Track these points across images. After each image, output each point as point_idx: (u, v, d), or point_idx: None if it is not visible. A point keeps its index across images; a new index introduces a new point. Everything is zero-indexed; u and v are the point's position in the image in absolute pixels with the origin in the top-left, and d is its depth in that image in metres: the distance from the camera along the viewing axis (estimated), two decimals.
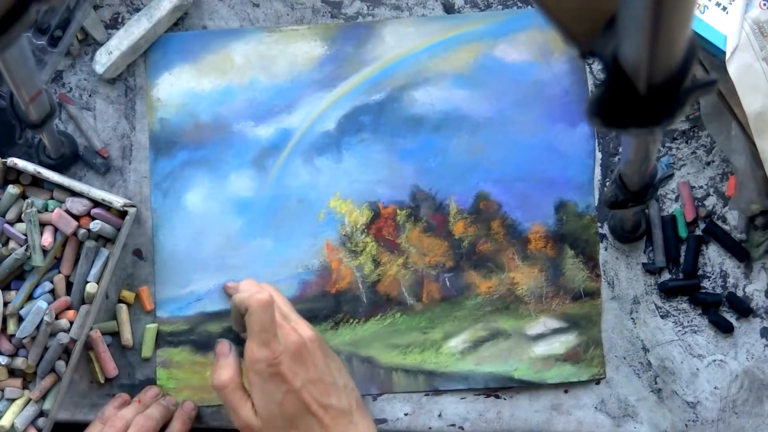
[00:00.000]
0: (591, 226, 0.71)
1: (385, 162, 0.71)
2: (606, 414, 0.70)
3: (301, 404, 0.61)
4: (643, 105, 0.38)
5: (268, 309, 0.61)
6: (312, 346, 0.63)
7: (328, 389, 0.62)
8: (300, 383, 0.61)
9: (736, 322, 0.70)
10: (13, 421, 0.66)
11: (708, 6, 0.66)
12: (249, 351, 0.62)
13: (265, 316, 0.61)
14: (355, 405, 0.64)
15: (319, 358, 0.63)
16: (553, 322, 0.70)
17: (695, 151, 0.71)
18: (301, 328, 0.63)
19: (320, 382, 0.62)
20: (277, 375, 0.61)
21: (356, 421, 0.63)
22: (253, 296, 0.62)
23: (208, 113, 0.72)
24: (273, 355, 0.61)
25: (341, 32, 0.72)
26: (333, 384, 0.63)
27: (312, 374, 0.62)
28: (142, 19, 0.70)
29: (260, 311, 0.61)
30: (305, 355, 0.62)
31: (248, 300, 0.62)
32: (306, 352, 0.62)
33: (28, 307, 0.66)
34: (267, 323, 0.61)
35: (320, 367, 0.63)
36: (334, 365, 0.64)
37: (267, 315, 0.61)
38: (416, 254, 0.71)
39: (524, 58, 0.71)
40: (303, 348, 0.62)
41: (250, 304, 0.61)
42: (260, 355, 0.61)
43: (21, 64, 0.50)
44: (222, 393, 0.63)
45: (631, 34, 0.36)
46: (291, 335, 0.62)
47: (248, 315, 0.62)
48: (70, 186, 0.66)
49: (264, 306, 0.61)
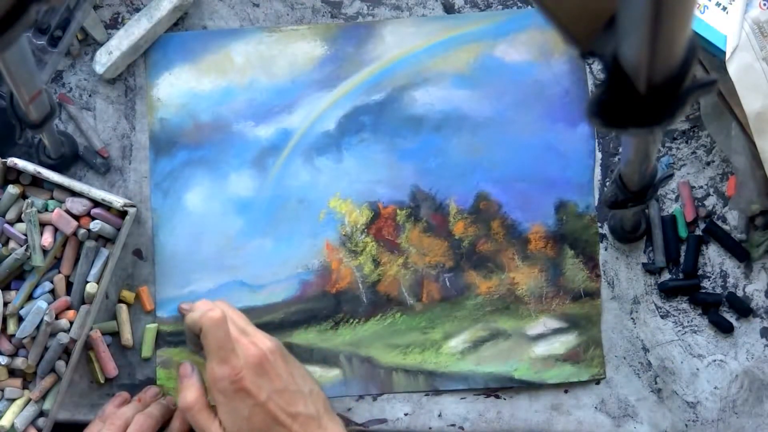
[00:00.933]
0: (591, 226, 0.71)
1: (385, 162, 0.71)
2: (606, 414, 0.70)
3: (268, 416, 0.61)
4: (643, 105, 0.38)
5: (222, 325, 0.61)
6: (273, 356, 0.62)
7: (294, 397, 0.62)
8: (265, 395, 0.61)
9: (736, 322, 0.70)
10: (13, 421, 0.66)
11: (708, 6, 0.66)
12: (210, 370, 0.61)
13: (220, 332, 0.61)
14: (322, 409, 0.64)
15: (281, 367, 0.63)
16: (553, 322, 0.70)
17: (695, 151, 0.71)
18: (260, 340, 0.63)
19: (285, 391, 0.62)
20: (241, 390, 0.61)
21: (325, 425, 0.63)
22: (204, 315, 0.61)
23: (208, 113, 0.72)
24: (234, 371, 0.60)
25: (341, 32, 0.72)
26: (298, 391, 0.63)
27: (276, 384, 0.62)
28: (142, 19, 0.70)
29: (214, 329, 0.61)
30: (267, 366, 0.62)
31: (201, 319, 0.61)
32: (267, 363, 0.62)
33: (28, 307, 0.66)
34: (222, 340, 0.61)
35: (283, 377, 0.62)
36: (297, 372, 0.64)
37: (221, 332, 0.61)
38: (416, 254, 0.71)
39: (524, 58, 0.71)
40: (264, 360, 0.62)
41: (203, 323, 0.61)
42: (221, 373, 0.61)
43: (21, 64, 0.50)
44: (189, 415, 0.63)
45: (631, 34, 0.36)
46: (250, 349, 0.62)
47: (203, 335, 0.61)
48: (70, 186, 0.66)
49: (217, 323, 0.61)
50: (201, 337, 0.62)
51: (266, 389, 0.61)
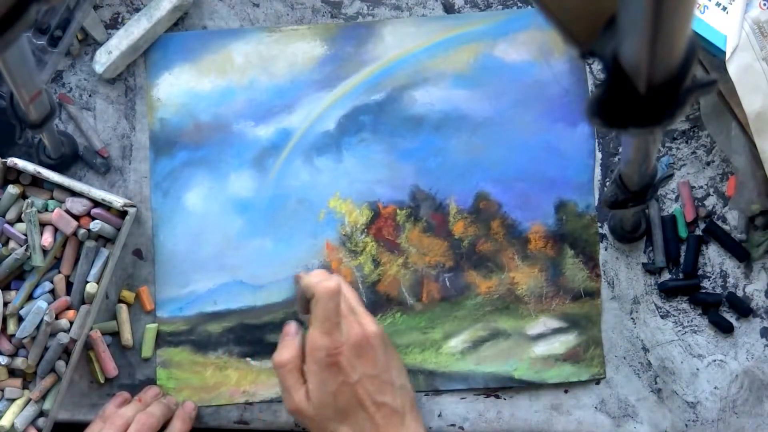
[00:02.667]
0: (591, 226, 0.71)
1: (385, 162, 0.71)
2: (606, 414, 0.70)
3: (354, 398, 0.61)
4: (643, 105, 0.38)
5: (334, 297, 0.61)
6: (374, 341, 0.62)
7: (384, 387, 0.62)
8: (357, 377, 0.61)
9: (736, 322, 0.70)
10: (13, 421, 0.66)
11: (708, 6, 0.66)
12: (311, 337, 0.61)
13: (331, 304, 0.61)
14: (408, 407, 0.63)
15: (380, 354, 0.62)
16: (553, 322, 0.70)
17: (695, 151, 0.71)
18: (366, 322, 0.63)
19: (377, 378, 0.62)
20: (336, 365, 0.61)
21: (408, 423, 0.62)
22: (320, 283, 0.62)
23: (208, 113, 0.72)
24: (334, 345, 0.61)
25: (341, 32, 0.72)
26: (390, 382, 0.62)
27: (370, 370, 0.62)
28: (142, 19, 0.70)
29: (326, 298, 0.61)
30: (366, 349, 0.62)
31: (316, 286, 0.62)
32: (367, 346, 0.62)
33: (28, 307, 0.66)
34: (331, 312, 0.61)
35: (380, 364, 0.62)
36: (394, 364, 0.64)
37: (332, 303, 0.61)
38: (416, 254, 0.71)
39: (524, 58, 0.71)
40: (365, 342, 0.62)
41: (317, 291, 0.61)
42: (321, 343, 0.61)
43: (21, 64, 0.50)
44: (279, 372, 0.63)
45: (631, 34, 0.36)
46: (354, 328, 0.62)
47: (314, 301, 0.62)
48: (70, 186, 0.66)
49: (330, 294, 0.61)
50: (311, 303, 0.62)
51: (359, 371, 0.61)
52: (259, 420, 0.71)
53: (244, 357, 0.70)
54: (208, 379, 0.70)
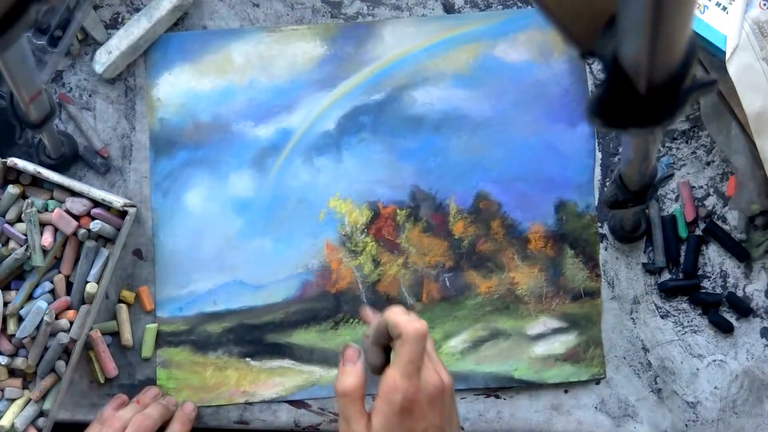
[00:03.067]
0: (591, 226, 0.71)
1: (384, 162, 0.71)
2: (606, 414, 0.70)
3: None
4: (643, 105, 0.38)
5: (423, 341, 0.58)
6: (447, 394, 0.60)
7: None
8: (424, 426, 0.59)
9: (736, 322, 0.70)
10: (13, 421, 0.66)
11: (708, 6, 0.66)
12: (390, 378, 0.58)
13: (419, 347, 0.58)
14: None
15: (449, 407, 0.60)
16: (553, 322, 0.70)
17: (695, 151, 0.71)
18: (443, 373, 0.61)
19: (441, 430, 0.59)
20: (408, 412, 0.58)
21: None
22: (411, 322, 0.58)
23: (208, 113, 0.72)
24: (412, 391, 0.58)
25: (341, 32, 0.72)
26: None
27: (437, 422, 0.59)
28: (142, 19, 0.70)
29: (415, 341, 0.58)
30: (439, 401, 0.59)
31: (405, 326, 0.58)
32: (441, 398, 0.59)
33: (28, 307, 0.66)
34: (417, 355, 0.58)
35: (446, 416, 0.60)
36: (455, 419, 0.62)
37: (420, 347, 0.58)
38: (416, 254, 0.71)
39: (524, 58, 0.71)
40: (441, 393, 0.59)
41: (407, 331, 0.58)
42: (401, 386, 0.58)
43: (21, 64, 0.50)
44: (342, 400, 0.60)
45: (631, 34, 0.36)
46: (433, 377, 0.59)
47: (401, 341, 0.58)
48: (70, 186, 0.66)
49: (420, 336, 0.58)
50: (397, 343, 0.59)
51: (428, 422, 0.59)
52: (259, 420, 0.71)
53: (244, 357, 0.70)
54: (207, 380, 0.70)
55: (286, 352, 0.70)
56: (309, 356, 0.70)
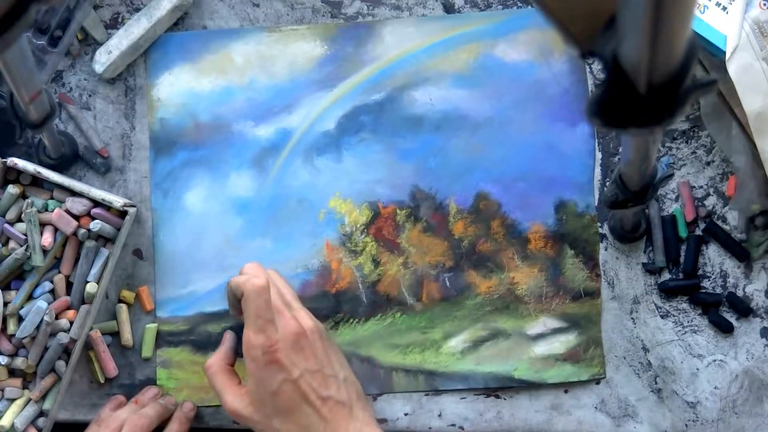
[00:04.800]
0: (591, 225, 0.71)
1: (385, 162, 0.71)
2: (606, 414, 0.70)
3: (297, 394, 0.59)
4: (643, 105, 0.38)
5: (263, 293, 0.60)
6: (312, 336, 0.61)
7: (327, 381, 0.61)
8: (298, 373, 0.59)
9: (736, 322, 0.70)
10: (13, 421, 0.66)
11: (708, 6, 0.66)
12: (245, 337, 0.60)
13: (260, 300, 0.59)
14: (355, 397, 0.62)
15: (319, 348, 0.61)
16: (553, 321, 0.70)
17: (695, 151, 0.71)
18: (302, 317, 0.62)
19: (319, 372, 0.60)
20: (274, 363, 0.59)
21: (356, 414, 0.61)
22: (249, 280, 0.60)
23: (208, 113, 0.72)
24: (269, 342, 0.59)
25: (341, 32, 0.72)
26: (333, 376, 0.61)
27: (311, 364, 0.60)
28: (142, 19, 0.70)
29: (255, 296, 0.59)
30: (304, 344, 0.60)
31: (244, 284, 0.60)
32: (305, 341, 0.60)
33: (28, 307, 0.66)
34: (262, 309, 0.59)
35: (320, 358, 0.61)
36: (334, 357, 0.63)
37: (262, 300, 0.59)
38: (416, 254, 0.71)
39: (524, 58, 0.71)
40: (302, 336, 0.60)
41: (246, 288, 0.60)
42: (256, 342, 0.59)
43: (21, 64, 0.50)
44: (207, 375, 0.63)
45: (631, 34, 0.36)
46: (290, 323, 0.60)
47: (244, 300, 0.60)
48: (70, 186, 0.66)
49: (259, 290, 0.59)
50: (242, 302, 0.60)
51: (300, 366, 0.60)
52: None
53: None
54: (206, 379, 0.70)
55: None
56: None
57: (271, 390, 0.59)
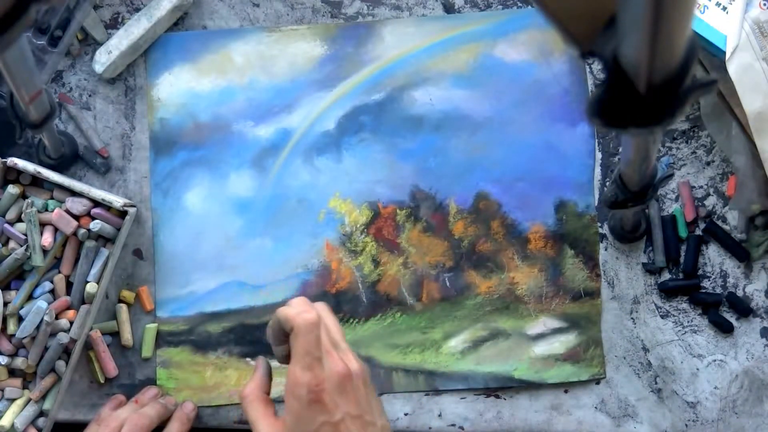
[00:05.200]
0: (591, 226, 0.71)
1: (385, 162, 0.71)
2: (606, 414, 0.70)
3: None
4: (643, 105, 0.38)
5: (314, 330, 0.57)
6: (357, 380, 0.59)
7: (367, 428, 0.58)
8: (339, 416, 0.57)
9: (736, 322, 0.70)
10: (13, 421, 0.66)
11: (708, 6, 0.66)
12: (291, 373, 0.57)
13: (311, 336, 0.57)
14: None
15: (362, 393, 0.59)
16: (553, 321, 0.70)
17: (695, 151, 0.71)
18: (349, 359, 0.59)
19: (359, 419, 0.58)
20: (318, 403, 0.57)
21: None
22: (300, 314, 0.57)
23: (208, 113, 0.72)
24: (316, 381, 0.57)
25: (341, 32, 0.72)
26: (372, 423, 0.58)
27: (353, 409, 0.58)
28: (141, 19, 0.70)
29: (306, 331, 0.57)
30: (349, 387, 0.58)
31: (295, 318, 0.57)
32: (350, 384, 0.58)
33: (28, 307, 0.66)
34: (312, 345, 0.57)
35: (362, 404, 0.59)
36: (375, 403, 0.60)
37: (312, 336, 0.57)
38: (416, 254, 0.71)
39: (524, 58, 0.71)
40: (348, 380, 0.58)
41: (297, 324, 0.57)
42: (303, 379, 0.57)
43: (21, 64, 0.50)
44: (243, 404, 0.60)
45: (631, 34, 0.36)
46: (338, 364, 0.58)
47: (293, 335, 0.58)
48: (70, 186, 0.66)
49: (310, 326, 0.57)
50: (291, 336, 0.58)
51: (342, 410, 0.57)
52: None
53: (244, 357, 0.70)
54: (207, 379, 0.70)
55: None
56: None
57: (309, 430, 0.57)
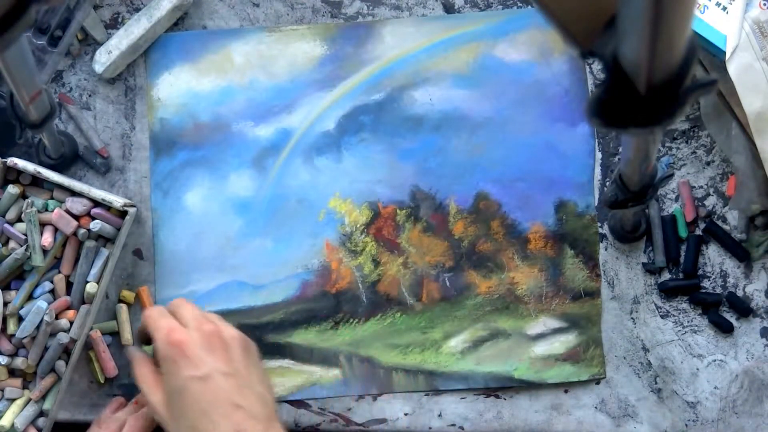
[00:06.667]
0: (591, 225, 0.71)
1: (385, 162, 0.71)
2: (606, 414, 0.70)
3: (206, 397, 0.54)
4: (643, 105, 0.38)
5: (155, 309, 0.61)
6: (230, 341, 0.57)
7: (243, 390, 0.55)
8: (207, 370, 0.54)
9: (736, 322, 0.70)
10: (13, 421, 0.66)
11: (708, 6, 0.66)
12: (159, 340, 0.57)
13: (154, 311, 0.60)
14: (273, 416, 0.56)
15: (238, 356, 0.57)
16: (553, 321, 0.70)
17: (695, 151, 0.71)
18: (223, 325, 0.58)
19: (233, 377, 0.55)
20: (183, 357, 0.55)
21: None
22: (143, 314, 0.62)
23: (208, 113, 0.72)
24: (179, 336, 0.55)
25: (341, 32, 0.72)
26: (248, 387, 0.56)
27: (224, 366, 0.55)
28: (141, 19, 0.70)
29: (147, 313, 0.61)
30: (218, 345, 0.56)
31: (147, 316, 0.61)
32: (219, 342, 0.56)
33: (28, 307, 0.66)
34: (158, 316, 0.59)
35: (236, 365, 0.56)
36: (255, 371, 0.58)
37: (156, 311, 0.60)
38: (416, 254, 0.71)
39: (524, 58, 0.71)
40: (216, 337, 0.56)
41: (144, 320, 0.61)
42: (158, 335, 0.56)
43: (21, 64, 0.50)
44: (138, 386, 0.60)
45: (631, 34, 0.36)
46: (205, 324, 0.58)
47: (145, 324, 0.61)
48: (70, 186, 0.66)
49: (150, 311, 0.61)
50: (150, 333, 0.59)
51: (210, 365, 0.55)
52: None
53: None
54: None
55: (286, 352, 0.70)
56: (309, 356, 0.70)
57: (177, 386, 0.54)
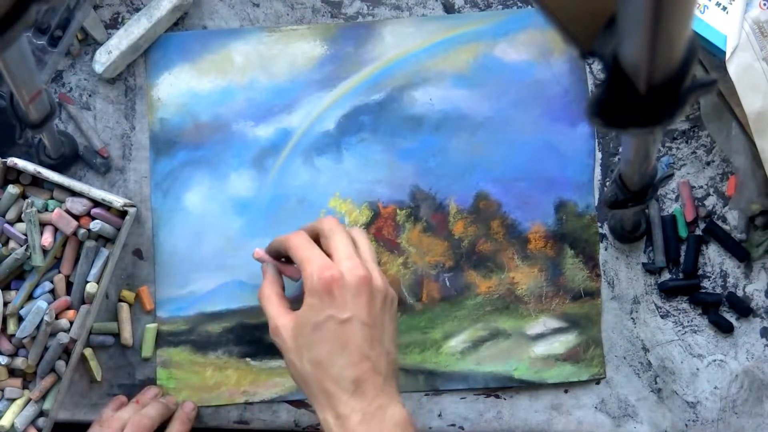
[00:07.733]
0: (591, 225, 0.71)
1: (384, 162, 0.71)
2: (606, 414, 0.70)
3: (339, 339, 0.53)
4: (643, 105, 0.38)
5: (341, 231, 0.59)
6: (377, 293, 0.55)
7: (374, 342, 0.54)
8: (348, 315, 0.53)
9: (736, 322, 0.70)
10: (13, 421, 0.66)
11: (708, 6, 0.66)
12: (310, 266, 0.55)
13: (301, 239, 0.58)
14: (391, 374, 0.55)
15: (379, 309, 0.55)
16: (553, 321, 0.70)
17: (695, 151, 0.71)
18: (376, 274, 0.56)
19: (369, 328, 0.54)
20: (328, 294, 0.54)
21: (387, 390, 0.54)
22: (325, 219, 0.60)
23: (208, 113, 0.72)
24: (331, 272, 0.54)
25: (341, 32, 0.72)
26: (380, 341, 0.55)
27: (364, 315, 0.54)
28: (141, 19, 0.70)
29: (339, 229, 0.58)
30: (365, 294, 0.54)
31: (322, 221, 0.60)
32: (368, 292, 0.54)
33: (28, 307, 0.66)
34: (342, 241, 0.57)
35: (376, 318, 0.55)
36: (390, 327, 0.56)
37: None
38: (416, 254, 0.71)
39: (524, 58, 0.71)
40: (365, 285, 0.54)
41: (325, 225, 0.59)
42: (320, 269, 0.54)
43: (21, 64, 0.50)
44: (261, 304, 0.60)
45: (631, 34, 0.36)
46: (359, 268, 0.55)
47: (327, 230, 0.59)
48: (70, 186, 0.66)
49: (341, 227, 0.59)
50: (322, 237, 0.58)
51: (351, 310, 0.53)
52: (259, 420, 0.71)
53: (244, 357, 0.70)
54: (207, 379, 0.70)
55: None
56: None
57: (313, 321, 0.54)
